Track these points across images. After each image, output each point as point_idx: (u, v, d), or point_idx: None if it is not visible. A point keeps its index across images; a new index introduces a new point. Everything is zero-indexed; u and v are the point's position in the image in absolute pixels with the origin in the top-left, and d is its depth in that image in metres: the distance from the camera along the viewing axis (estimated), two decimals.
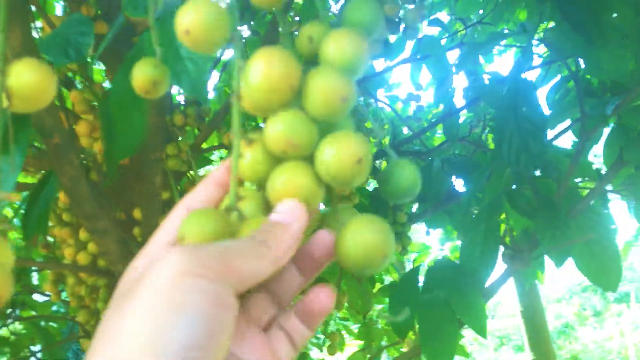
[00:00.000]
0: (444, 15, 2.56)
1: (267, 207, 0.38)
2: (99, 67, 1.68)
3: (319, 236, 0.38)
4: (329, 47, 0.39)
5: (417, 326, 1.22)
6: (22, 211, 0.97)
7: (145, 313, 0.28)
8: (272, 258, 0.33)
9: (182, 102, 1.33)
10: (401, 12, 1.16)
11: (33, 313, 2.05)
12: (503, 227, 1.38)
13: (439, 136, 2.67)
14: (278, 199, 0.37)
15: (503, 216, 1.42)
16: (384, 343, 2.29)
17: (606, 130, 1.28)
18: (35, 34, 0.76)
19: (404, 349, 2.13)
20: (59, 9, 1.82)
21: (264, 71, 0.36)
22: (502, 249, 1.21)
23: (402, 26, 1.10)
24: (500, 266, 1.26)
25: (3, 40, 0.42)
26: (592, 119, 1.13)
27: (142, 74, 0.50)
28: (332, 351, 1.93)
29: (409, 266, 3.23)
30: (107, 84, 1.32)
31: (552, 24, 1.21)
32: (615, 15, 0.78)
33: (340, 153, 0.36)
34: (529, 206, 1.19)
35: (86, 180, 0.75)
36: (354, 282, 1.66)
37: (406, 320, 1.22)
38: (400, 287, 1.30)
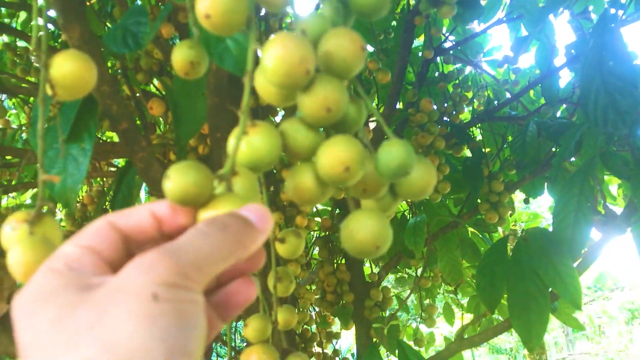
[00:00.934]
0: None
1: (255, 192, 0.39)
2: None
3: (240, 284, 0.37)
4: (323, 47, 0.40)
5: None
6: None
7: (121, 324, 0.26)
8: (234, 253, 0.32)
9: None
10: None
11: None
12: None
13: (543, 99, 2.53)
14: (294, 198, 0.42)
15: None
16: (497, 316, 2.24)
17: None
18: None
19: None
20: None
21: (281, 54, 0.37)
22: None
23: None
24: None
25: (45, 36, 0.46)
26: None
27: (179, 56, 0.53)
28: (430, 323, 1.91)
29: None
30: None
31: None
32: None
33: (330, 162, 0.39)
34: (626, 167, 1.10)
35: (159, 162, 0.80)
36: (446, 254, 1.63)
37: (495, 291, 1.19)
38: (488, 258, 1.26)
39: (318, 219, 1.97)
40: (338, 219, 1.86)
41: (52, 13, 0.87)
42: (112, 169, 1.73)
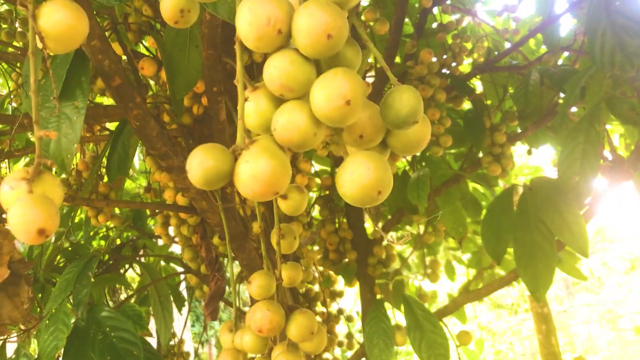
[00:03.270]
0: None
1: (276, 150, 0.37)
2: None
3: None
4: None
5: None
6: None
7: None
8: None
9: None
10: None
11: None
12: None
13: (544, 48, 2.49)
14: (281, 140, 0.38)
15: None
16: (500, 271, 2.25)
17: None
18: None
19: None
20: None
21: (249, 19, 0.35)
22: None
23: None
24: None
25: None
26: None
27: (168, 4, 0.50)
28: (433, 279, 1.92)
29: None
30: None
31: None
32: None
33: (329, 95, 0.36)
34: (632, 112, 1.08)
35: (155, 119, 0.78)
36: (448, 208, 1.62)
37: (500, 242, 1.18)
38: (494, 209, 1.25)
39: (318, 180, 1.96)
40: None
41: None
42: (105, 132, 1.70)
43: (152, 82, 1.49)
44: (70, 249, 1.84)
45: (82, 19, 0.44)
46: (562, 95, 1.63)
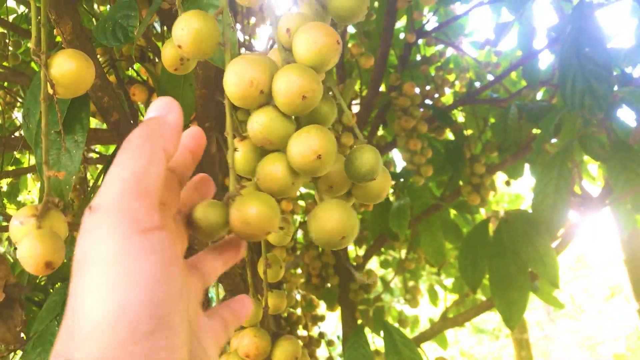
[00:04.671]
0: None
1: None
2: None
3: (241, 300, 0.43)
4: (296, 43, 0.42)
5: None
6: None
7: (107, 287, 0.28)
8: (156, 151, 0.32)
9: None
10: None
11: None
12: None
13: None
14: (263, 189, 0.42)
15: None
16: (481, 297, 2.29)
17: None
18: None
19: None
20: None
21: (234, 81, 0.40)
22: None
23: None
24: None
25: (45, 36, 0.47)
26: None
27: (169, 53, 0.54)
28: (413, 304, 1.95)
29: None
30: None
31: None
32: None
33: (303, 150, 0.40)
34: (602, 150, 1.14)
35: None
36: (429, 236, 1.66)
37: (477, 272, 1.22)
38: (471, 239, 1.30)
39: (302, 203, 2.00)
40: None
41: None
42: (96, 155, 1.73)
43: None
44: None
45: (89, 68, 0.49)
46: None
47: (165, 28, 1.42)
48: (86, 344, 0.27)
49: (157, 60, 1.35)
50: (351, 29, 2.07)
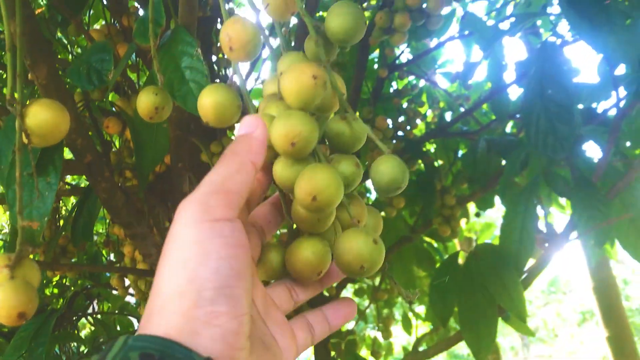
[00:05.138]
0: None
1: None
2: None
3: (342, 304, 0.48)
4: (281, 88, 0.44)
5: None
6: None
7: (178, 265, 0.34)
8: (245, 162, 0.39)
9: None
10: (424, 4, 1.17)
11: (109, 305, 2.20)
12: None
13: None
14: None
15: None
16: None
17: None
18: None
19: None
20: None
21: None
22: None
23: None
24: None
25: (20, 88, 0.48)
26: (629, 95, 1.11)
27: (145, 102, 0.56)
28: (386, 336, 1.96)
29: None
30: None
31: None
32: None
33: (298, 195, 0.41)
34: (566, 187, 1.18)
35: (121, 191, 0.83)
36: (401, 267, 1.68)
37: (446, 305, 1.24)
38: (440, 272, 1.32)
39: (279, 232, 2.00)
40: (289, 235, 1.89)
41: None
42: (67, 187, 1.72)
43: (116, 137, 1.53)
44: None
45: (65, 117, 0.50)
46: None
47: (139, 60, 1.44)
48: (157, 316, 0.33)
49: (130, 92, 1.36)
50: None
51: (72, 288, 2.07)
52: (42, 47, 0.64)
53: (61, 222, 1.57)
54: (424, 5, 1.14)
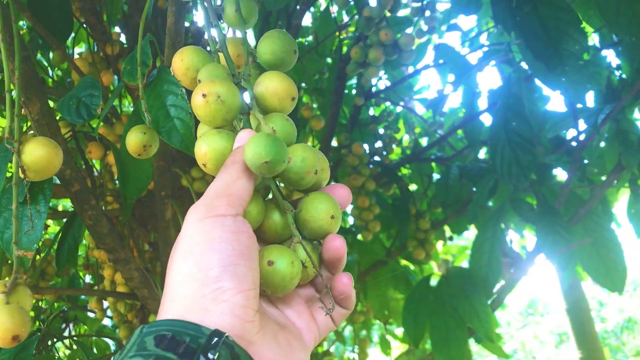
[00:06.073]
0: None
1: None
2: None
3: (328, 240, 0.47)
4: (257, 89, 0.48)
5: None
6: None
7: (186, 254, 0.38)
8: (244, 170, 0.43)
9: None
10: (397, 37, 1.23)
11: (86, 328, 2.20)
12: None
13: None
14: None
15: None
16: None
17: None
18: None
19: None
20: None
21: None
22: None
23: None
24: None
25: (18, 127, 0.52)
26: (589, 128, 1.17)
27: (134, 140, 0.60)
28: (362, 357, 2.00)
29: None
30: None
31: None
32: (573, 43, 0.83)
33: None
34: (532, 213, 1.24)
35: (106, 218, 0.86)
36: (375, 291, 1.73)
37: (419, 327, 1.29)
38: (413, 296, 1.37)
39: None
40: None
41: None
42: (49, 211, 1.74)
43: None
44: None
45: (58, 154, 0.54)
46: None
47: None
48: (169, 303, 0.37)
49: (114, 120, 1.40)
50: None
51: (49, 310, 2.07)
52: (35, 84, 0.68)
53: (40, 243, 1.58)
54: (398, 38, 1.20)
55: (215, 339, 0.34)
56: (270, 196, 0.49)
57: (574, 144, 1.39)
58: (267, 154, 0.42)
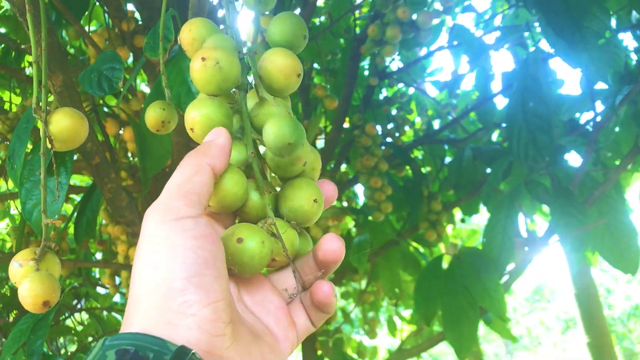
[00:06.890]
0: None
1: None
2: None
3: (326, 240, 0.45)
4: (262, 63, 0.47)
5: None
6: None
7: (148, 262, 0.35)
8: (201, 164, 0.40)
9: None
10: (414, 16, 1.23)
11: (97, 304, 2.23)
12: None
13: None
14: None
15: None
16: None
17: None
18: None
19: None
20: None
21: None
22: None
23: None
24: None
25: (45, 97, 0.53)
26: (606, 109, 1.17)
27: (153, 116, 0.61)
28: (372, 336, 2.01)
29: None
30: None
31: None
32: (595, 21, 0.82)
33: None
34: (546, 194, 1.23)
35: (126, 191, 0.87)
36: (387, 270, 1.74)
37: (430, 306, 1.30)
38: (425, 275, 1.38)
39: None
40: None
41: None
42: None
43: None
44: (9, 294, 1.85)
45: (84, 124, 0.55)
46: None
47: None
48: (133, 315, 0.34)
49: (130, 96, 1.41)
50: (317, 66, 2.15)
51: (65, 284, 2.10)
52: (58, 57, 0.68)
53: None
54: (414, 17, 1.19)
55: (181, 355, 0.32)
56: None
57: (588, 127, 1.38)
58: (292, 135, 0.42)
